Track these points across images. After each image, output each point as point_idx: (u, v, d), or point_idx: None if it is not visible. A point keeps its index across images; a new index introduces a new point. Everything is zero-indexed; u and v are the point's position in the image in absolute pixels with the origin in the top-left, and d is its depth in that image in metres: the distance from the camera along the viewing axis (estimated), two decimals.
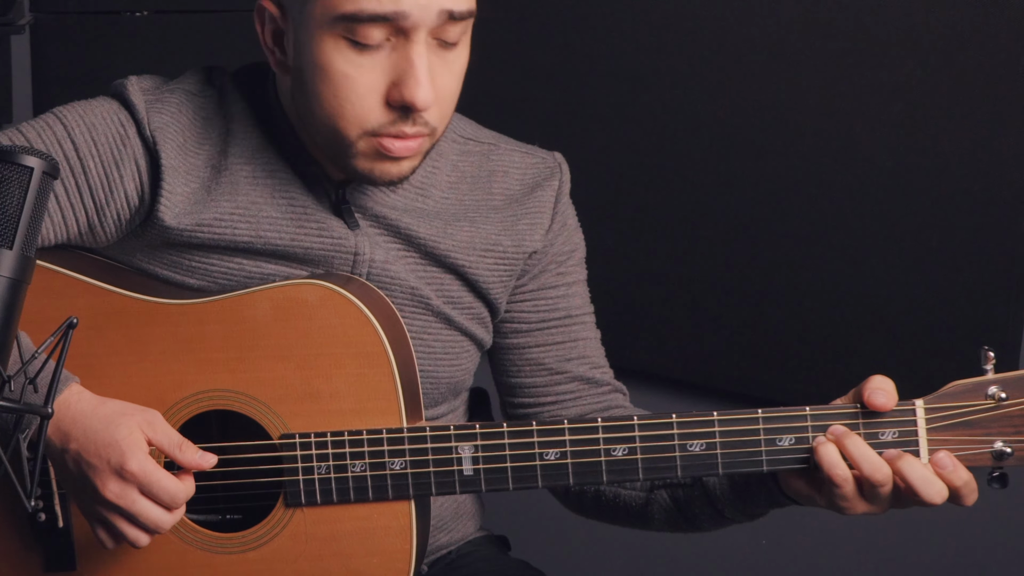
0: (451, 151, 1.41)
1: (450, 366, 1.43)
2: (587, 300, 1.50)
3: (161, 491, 1.23)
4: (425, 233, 1.37)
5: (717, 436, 1.29)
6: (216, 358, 1.31)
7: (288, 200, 1.33)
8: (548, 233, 1.44)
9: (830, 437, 1.26)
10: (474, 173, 1.42)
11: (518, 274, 1.44)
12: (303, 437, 1.30)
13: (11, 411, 1.01)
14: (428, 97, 1.23)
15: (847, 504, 1.26)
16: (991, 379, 1.27)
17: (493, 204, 1.42)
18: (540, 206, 1.43)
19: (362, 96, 1.24)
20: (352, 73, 1.23)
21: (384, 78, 1.23)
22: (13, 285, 0.99)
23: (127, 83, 1.34)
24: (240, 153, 1.33)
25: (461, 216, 1.40)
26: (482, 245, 1.40)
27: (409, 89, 1.22)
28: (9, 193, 0.99)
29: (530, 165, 1.44)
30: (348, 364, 1.30)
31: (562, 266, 1.46)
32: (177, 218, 1.30)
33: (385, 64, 1.23)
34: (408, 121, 1.24)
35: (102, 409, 1.25)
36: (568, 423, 1.29)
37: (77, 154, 1.30)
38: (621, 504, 1.45)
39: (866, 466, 1.24)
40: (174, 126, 1.32)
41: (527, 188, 1.43)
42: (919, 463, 1.24)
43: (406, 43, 1.22)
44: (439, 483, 1.30)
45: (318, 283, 1.31)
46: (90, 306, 1.32)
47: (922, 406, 1.27)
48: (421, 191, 1.38)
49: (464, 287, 1.41)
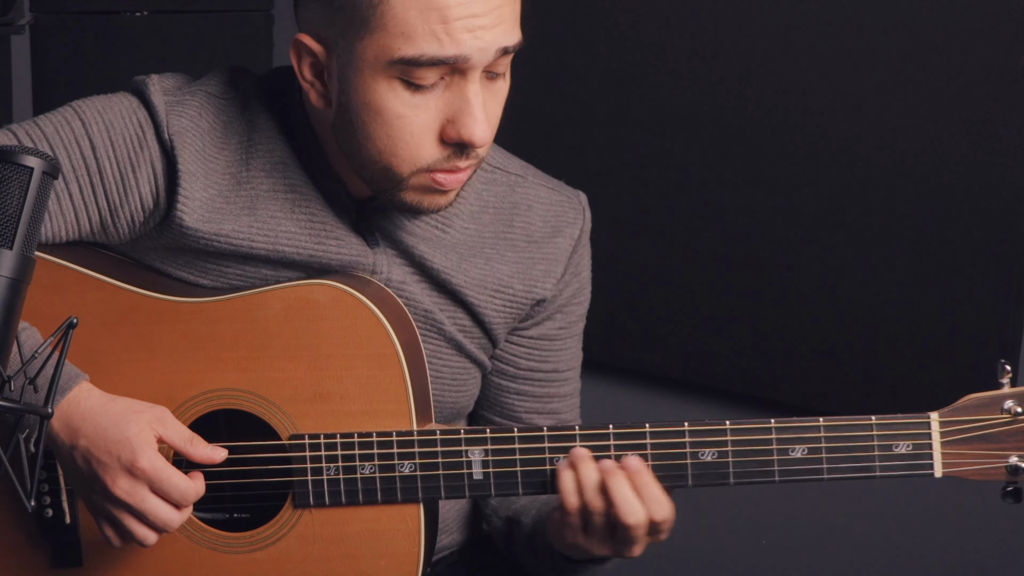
0: (477, 179, 1.39)
1: (455, 392, 1.42)
2: (578, 354, 1.49)
3: (172, 488, 1.23)
4: (439, 265, 1.36)
5: (729, 445, 1.28)
6: (226, 357, 1.30)
7: (309, 216, 1.32)
8: (559, 282, 1.42)
9: (571, 460, 1.26)
10: (497, 204, 1.40)
11: (523, 317, 1.43)
12: (312, 438, 1.29)
13: (11, 411, 1.00)
14: (486, 134, 1.22)
15: (570, 533, 1.26)
16: (1007, 393, 1.26)
17: (512, 241, 1.40)
18: (557, 253, 1.41)
19: (416, 136, 1.22)
20: (407, 114, 1.21)
21: (439, 116, 1.22)
22: (13, 285, 0.98)
23: (149, 82, 1.31)
24: (262, 166, 1.31)
25: (477, 251, 1.38)
26: (493, 285, 1.39)
27: (467, 128, 1.21)
28: (9, 193, 0.98)
29: (555, 203, 1.43)
30: (359, 365, 1.29)
31: (565, 319, 1.45)
32: (196, 222, 1.29)
33: (439, 103, 1.22)
34: (463, 156, 1.24)
35: (112, 406, 1.24)
36: (579, 429, 1.29)
37: (94, 153, 1.28)
38: (491, 526, 1.48)
39: (587, 493, 1.24)
40: (193, 130, 1.30)
41: (548, 231, 1.41)
42: (625, 480, 1.23)
43: (462, 81, 1.21)
44: (448, 486, 1.30)
45: (330, 284, 1.30)
46: (100, 302, 1.31)
47: (937, 419, 1.26)
48: (444, 221, 1.37)
49: (472, 320, 1.40)
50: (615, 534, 1.26)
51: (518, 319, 1.43)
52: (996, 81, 1.76)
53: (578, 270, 1.45)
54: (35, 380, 1.09)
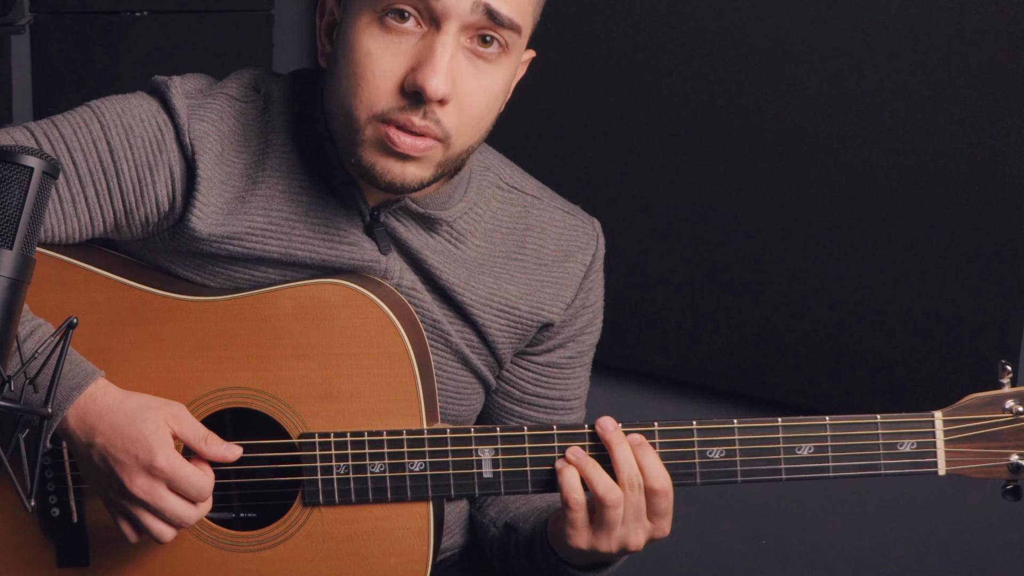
0: (494, 197, 1.40)
1: (459, 405, 1.42)
2: (585, 384, 1.50)
3: (190, 486, 1.23)
4: (448, 279, 1.36)
5: (737, 444, 1.29)
6: (236, 355, 1.30)
7: (323, 220, 1.32)
8: (569, 308, 1.42)
9: (571, 459, 1.27)
10: (510, 224, 1.40)
11: (528, 340, 1.43)
12: (323, 436, 1.30)
13: (11, 411, 1.00)
14: (440, 86, 1.19)
15: (573, 532, 1.27)
16: (1009, 392, 1.28)
17: (522, 262, 1.40)
18: (567, 278, 1.41)
19: (378, 76, 1.21)
20: (376, 51, 1.21)
21: (405, 62, 1.21)
22: (13, 285, 0.98)
23: (171, 83, 1.30)
24: (278, 167, 1.31)
25: (487, 269, 1.38)
26: (499, 305, 1.39)
27: (423, 74, 1.19)
28: (9, 193, 0.98)
29: (568, 227, 1.42)
30: (369, 364, 1.29)
31: (576, 348, 1.45)
32: (208, 228, 1.28)
33: (410, 51, 1.21)
34: (418, 111, 1.20)
35: (127, 403, 1.24)
36: (588, 428, 1.30)
37: (112, 156, 1.28)
38: (485, 536, 1.48)
39: (600, 486, 1.25)
40: (214, 135, 1.29)
41: (560, 254, 1.41)
42: (655, 455, 1.26)
43: (436, 33, 1.20)
44: (458, 485, 1.30)
45: (341, 283, 1.30)
46: (109, 300, 1.31)
47: (940, 417, 1.28)
48: (459, 238, 1.37)
49: (478, 338, 1.40)
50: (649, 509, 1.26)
51: (524, 341, 1.43)
52: (996, 81, 1.77)
53: (589, 298, 1.44)
54: (35, 380, 1.09)
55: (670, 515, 1.28)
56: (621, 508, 1.25)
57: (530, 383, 1.45)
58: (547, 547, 1.35)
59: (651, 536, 1.29)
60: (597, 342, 1.49)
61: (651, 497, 1.26)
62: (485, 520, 1.49)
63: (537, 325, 1.41)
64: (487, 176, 1.41)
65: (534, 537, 1.39)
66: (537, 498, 1.48)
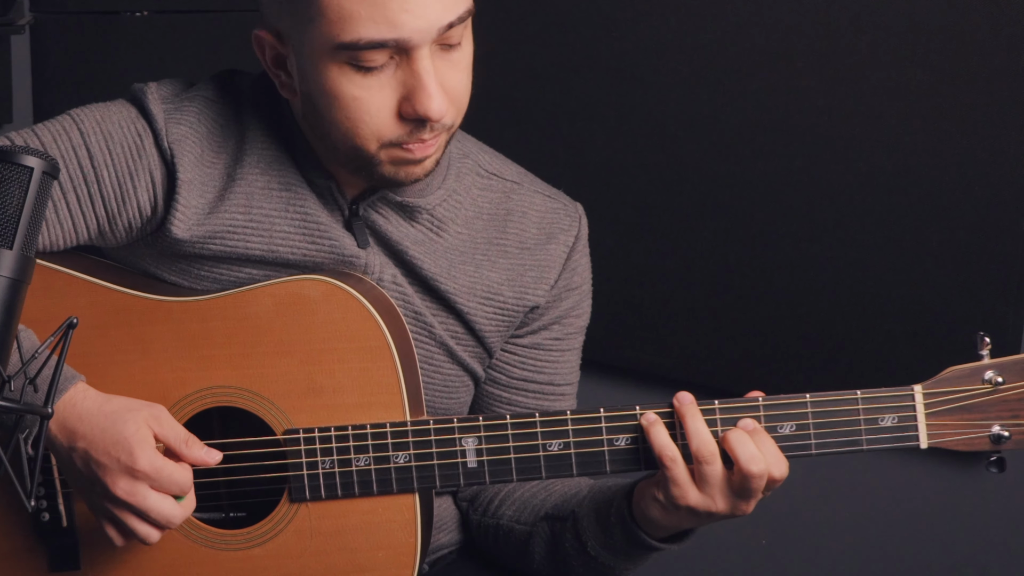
0: (474, 185, 1.41)
1: (447, 398, 1.42)
2: (575, 370, 1.49)
3: (172, 484, 1.23)
4: (429, 270, 1.37)
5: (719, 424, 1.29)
6: (219, 355, 1.31)
7: (303, 215, 1.33)
8: (553, 288, 1.42)
9: (678, 407, 1.27)
10: (491, 211, 1.41)
11: (517, 325, 1.43)
12: (307, 432, 1.30)
13: (11, 411, 1.01)
14: (441, 107, 1.22)
15: (679, 492, 1.24)
16: (988, 364, 1.29)
17: (504, 248, 1.41)
18: (550, 260, 1.42)
19: (374, 115, 1.24)
20: (361, 95, 1.23)
21: (394, 95, 1.23)
22: (13, 285, 0.99)
23: (147, 89, 1.32)
24: (256, 163, 1.33)
25: (469, 257, 1.39)
26: (483, 292, 1.39)
27: (422, 104, 1.22)
28: (9, 193, 0.99)
29: (550, 210, 1.43)
30: (351, 359, 1.30)
31: (562, 331, 1.45)
32: (190, 230, 1.30)
33: (393, 82, 1.23)
34: (425, 129, 1.25)
35: (108, 406, 1.25)
36: (571, 414, 1.30)
37: (92, 163, 1.29)
38: (510, 537, 1.45)
39: (695, 440, 1.24)
40: (192, 137, 1.31)
41: (542, 237, 1.42)
42: (747, 437, 1.24)
43: (410, 60, 1.22)
44: (443, 476, 1.31)
45: (320, 279, 1.31)
46: (92, 305, 1.32)
47: (921, 391, 1.28)
48: (440, 226, 1.38)
49: (464, 328, 1.41)
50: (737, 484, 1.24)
51: (512, 327, 1.43)
52: (996, 81, 1.76)
53: (574, 280, 1.45)
54: (35, 380, 1.09)
55: (758, 497, 1.27)
56: (718, 464, 1.24)
57: (516, 367, 1.45)
58: (628, 521, 1.31)
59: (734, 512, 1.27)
60: (586, 327, 1.48)
61: (745, 480, 1.24)
62: (502, 522, 1.47)
63: (524, 310, 1.42)
64: (466, 163, 1.42)
65: (605, 513, 1.35)
66: (562, 487, 1.44)
